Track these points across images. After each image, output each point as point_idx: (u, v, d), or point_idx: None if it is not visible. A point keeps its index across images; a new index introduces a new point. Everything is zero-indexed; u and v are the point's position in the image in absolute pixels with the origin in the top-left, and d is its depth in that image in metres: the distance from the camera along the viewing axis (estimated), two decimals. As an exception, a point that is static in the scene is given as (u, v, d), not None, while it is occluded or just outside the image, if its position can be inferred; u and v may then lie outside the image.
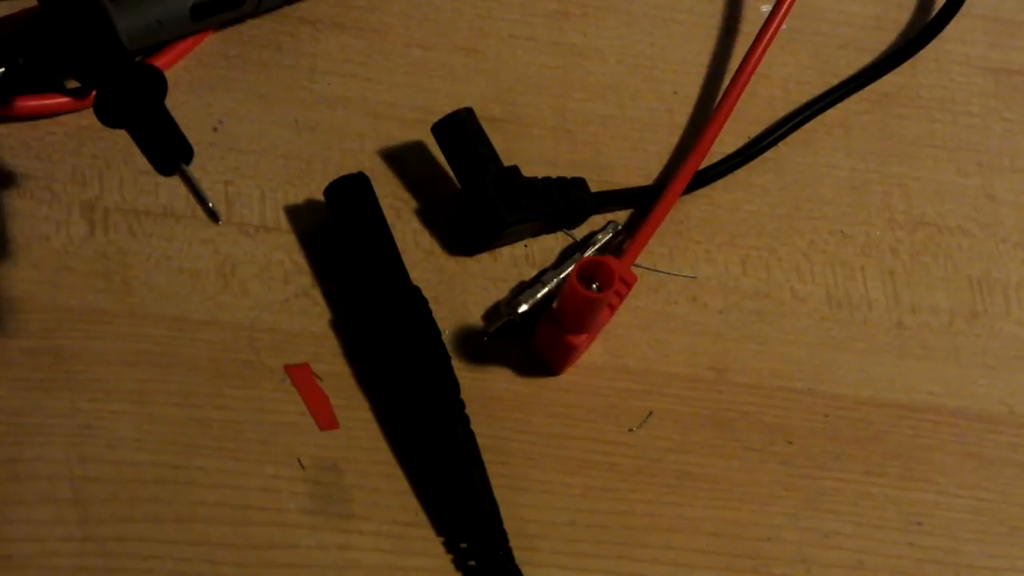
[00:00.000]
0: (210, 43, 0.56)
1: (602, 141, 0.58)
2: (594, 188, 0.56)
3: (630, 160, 0.58)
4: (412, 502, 0.49)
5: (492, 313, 0.53)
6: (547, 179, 0.55)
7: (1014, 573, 0.53)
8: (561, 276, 0.53)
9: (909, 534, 0.52)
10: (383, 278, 0.52)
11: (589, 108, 0.59)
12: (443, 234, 0.55)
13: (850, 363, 0.55)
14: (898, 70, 0.62)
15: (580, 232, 0.56)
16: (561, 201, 0.55)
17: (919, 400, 0.55)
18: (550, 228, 0.55)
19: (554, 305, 0.51)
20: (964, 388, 0.56)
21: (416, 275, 0.53)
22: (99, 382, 0.49)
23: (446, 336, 0.52)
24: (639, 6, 0.61)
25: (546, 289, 0.53)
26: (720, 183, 0.58)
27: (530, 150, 0.57)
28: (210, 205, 0.47)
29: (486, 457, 0.50)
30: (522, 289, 0.53)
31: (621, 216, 0.56)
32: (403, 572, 0.48)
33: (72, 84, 0.53)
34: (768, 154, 0.59)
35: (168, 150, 0.45)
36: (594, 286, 0.50)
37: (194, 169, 0.45)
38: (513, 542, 0.49)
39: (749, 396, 0.54)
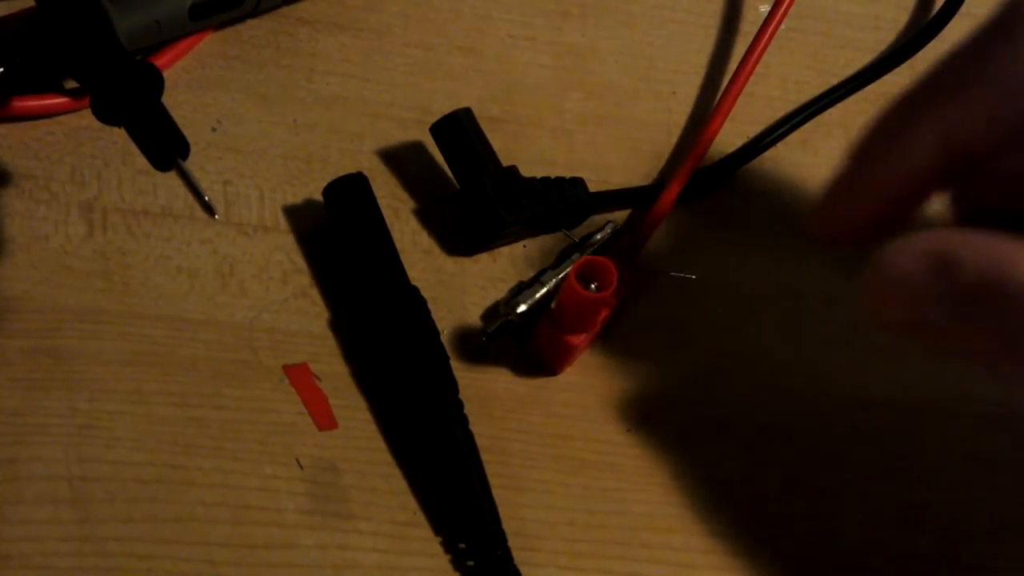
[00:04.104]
0: (209, 43, 0.56)
1: (601, 141, 0.58)
2: (593, 188, 0.56)
3: (629, 160, 0.58)
4: (410, 502, 0.49)
5: (491, 313, 0.53)
6: (546, 179, 0.55)
7: (1014, 573, 0.53)
8: (560, 276, 0.53)
9: (908, 534, 0.52)
10: (382, 278, 0.52)
11: (588, 108, 0.59)
12: (442, 234, 0.55)
13: (850, 363, 0.55)
14: (897, 70, 0.62)
15: (579, 232, 0.56)
16: (560, 201, 0.55)
17: (919, 400, 0.55)
18: (549, 228, 0.55)
19: (553, 305, 0.51)
20: (964, 388, 0.56)
21: (415, 275, 0.53)
22: (98, 382, 0.49)
23: (445, 336, 0.52)
24: (637, 6, 0.61)
25: (545, 289, 0.53)
26: (719, 183, 0.58)
27: (529, 150, 0.57)
28: (206, 199, 0.47)
29: (485, 457, 0.50)
30: (521, 289, 0.53)
31: (620, 216, 0.56)
32: (401, 572, 0.48)
33: (71, 84, 0.53)
34: (767, 154, 0.59)
35: (165, 146, 0.45)
36: (592, 286, 0.50)
37: (193, 169, 0.45)
38: (512, 542, 0.49)
39: (749, 396, 0.54)
